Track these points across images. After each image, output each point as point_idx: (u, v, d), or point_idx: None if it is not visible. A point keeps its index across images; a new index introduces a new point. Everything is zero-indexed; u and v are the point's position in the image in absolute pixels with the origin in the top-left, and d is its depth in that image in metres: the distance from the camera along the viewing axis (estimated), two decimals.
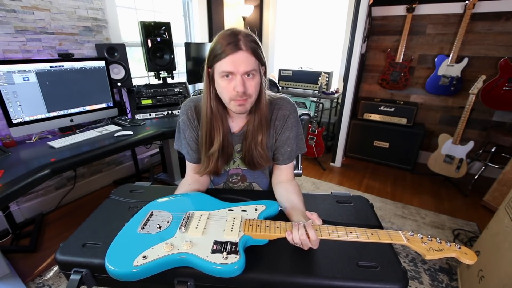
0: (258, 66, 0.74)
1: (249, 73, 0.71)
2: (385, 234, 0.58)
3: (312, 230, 0.58)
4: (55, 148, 1.37)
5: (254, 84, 0.73)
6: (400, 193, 2.26)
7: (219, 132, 0.82)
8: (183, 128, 0.89)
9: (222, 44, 0.69)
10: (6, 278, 1.28)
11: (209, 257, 0.56)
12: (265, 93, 0.81)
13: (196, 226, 0.64)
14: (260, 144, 0.83)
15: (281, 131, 0.87)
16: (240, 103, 0.74)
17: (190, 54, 2.26)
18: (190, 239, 0.60)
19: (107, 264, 0.55)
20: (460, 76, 2.36)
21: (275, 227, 0.63)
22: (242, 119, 0.87)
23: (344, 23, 2.94)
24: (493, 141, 2.20)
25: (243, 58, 0.69)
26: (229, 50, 0.68)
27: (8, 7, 1.48)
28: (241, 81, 0.70)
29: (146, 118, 1.91)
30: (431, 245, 0.55)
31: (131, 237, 0.62)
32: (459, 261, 0.57)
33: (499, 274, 1.05)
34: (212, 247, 0.58)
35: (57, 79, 1.50)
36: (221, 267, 0.55)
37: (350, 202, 0.84)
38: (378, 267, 0.59)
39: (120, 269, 0.55)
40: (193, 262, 0.57)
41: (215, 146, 0.82)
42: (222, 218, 0.68)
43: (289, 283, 0.57)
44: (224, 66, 0.70)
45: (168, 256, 0.57)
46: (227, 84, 0.72)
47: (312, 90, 2.86)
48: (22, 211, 1.76)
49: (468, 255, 0.53)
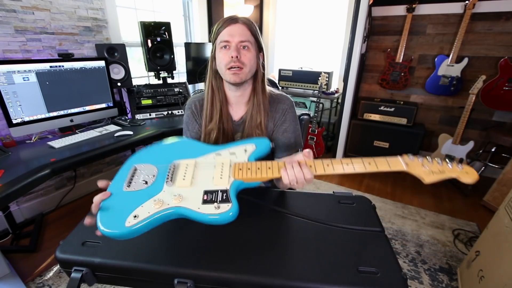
0: (255, 44, 0.82)
1: (244, 45, 0.79)
2: (383, 162, 0.56)
3: (305, 165, 0.61)
4: (55, 148, 1.37)
5: (248, 55, 0.80)
6: (400, 193, 2.26)
7: (217, 108, 0.88)
8: (186, 121, 0.95)
9: (222, 21, 0.80)
10: (6, 278, 1.28)
11: (200, 208, 0.55)
12: (264, 79, 0.88)
13: (183, 177, 0.61)
14: (259, 125, 0.87)
15: (279, 122, 0.91)
16: (235, 72, 0.79)
17: (190, 54, 2.26)
18: (178, 193, 0.58)
19: (100, 226, 0.54)
20: (460, 76, 2.36)
21: (266, 169, 0.62)
22: (242, 108, 0.91)
23: (344, 23, 2.94)
24: (493, 141, 2.20)
25: (238, 29, 0.78)
26: (227, 24, 0.79)
27: (8, 7, 1.48)
28: (235, 48, 0.78)
29: (146, 118, 1.91)
30: (431, 168, 0.54)
31: (119, 196, 0.60)
32: (459, 260, 0.58)
33: (499, 274, 1.05)
34: (203, 198, 0.57)
35: (57, 79, 1.50)
36: (217, 216, 0.54)
37: (352, 203, 0.84)
38: (379, 273, 0.58)
39: (113, 231, 0.54)
40: (185, 214, 0.56)
41: (213, 122, 0.87)
42: (209, 165, 0.65)
43: (289, 287, 0.57)
44: (222, 37, 0.79)
45: (159, 212, 0.55)
46: (224, 54, 0.80)
47: (312, 90, 2.86)
48: (22, 211, 1.76)
49: (469, 174, 0.53)
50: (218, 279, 0.58)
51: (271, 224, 0.75)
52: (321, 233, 0.70)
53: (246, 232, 0.71)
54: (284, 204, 0.82)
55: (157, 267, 0.60)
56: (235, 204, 0.55)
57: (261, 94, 0.87)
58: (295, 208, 0.80)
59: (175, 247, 0.67)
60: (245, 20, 0.80)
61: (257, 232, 0.71)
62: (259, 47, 0.84)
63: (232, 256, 0.62)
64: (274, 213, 0.79)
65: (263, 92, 0.87)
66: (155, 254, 0.64)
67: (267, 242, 0.67)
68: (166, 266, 0.60)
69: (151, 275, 0.61)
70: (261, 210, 0.80)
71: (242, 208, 0.80)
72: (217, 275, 0.58)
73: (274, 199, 0.84)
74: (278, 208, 0.80)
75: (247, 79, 0.83)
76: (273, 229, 0.73)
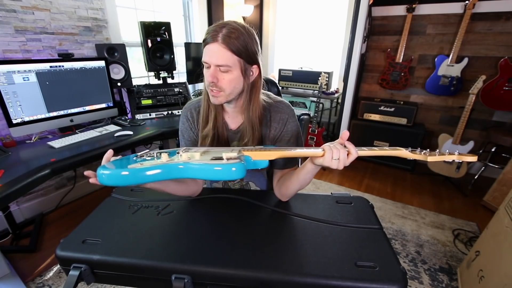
0: (239, 63, 0.72)
1: (223, 69, 0.72)
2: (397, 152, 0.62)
3: (351, 145, 0.62)
4: (55, 148, 1.37)
5: (227, 79, 0.73)
6: (400, 193, 2.26)
7: (212, 115, 0.84)
8: (182, 130, 0.92)
9: (208, 31, 0.72)
10: (6, 278, 1.28)
11: (208, 162, 0.55)
12: (258, 95, 0.82)
13: (194, 151, 0.61)
14: (256, 137, 0.84)
15: (280, 134, 0.87)
16: (213, 94, 0.76)
17: (190, 54, 2.26)
18: (188, 156, 0.58)
19: (100, 171, 0.53)
20: (460, 76, 2.36)
21: (275, 149, 0.64)
22: (239, 117, 0.88)
23: (344, 23, 2.94)
24: (493, 141, 2.20)
25: (216, 51, 0.70)
26: (209, 39, 0.71)
27: (8, 7, 1.48)
28: (213, 72, 0.72)
29: (146, 118, 1.91)
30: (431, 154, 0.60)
31: (129, 159, 0.59)
32: (459, 260, 0.59)
33: (499, 274, 1.05)
34: (211, 159, 0.56)
35: (57, 79, 1.50)
36: (220, 167, 0.53)
37: (350, 203, 0.84)
38: (377, 267, 0.59)
39: (112, 172, 0.53)
40: (191, 169, 0.54)
41: (208, 127, 0.84)
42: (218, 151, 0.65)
43: (287, 282, 0.57)
44: (203, 55, 0.73)
45: (165, 163, 0.54)
46: (205, 72, 0.75)
47: (312, 90, 2.86)
48: (22, 211, 1.76)
49: (468, 156, 0.57)
50: (215, 275, 0.58)
51: (269, 222, 0.75)
52: (319, 231, 0.70)
53: (244, 229, 0.71)
54: (282, 205, 0.83)
55: (154, 263, 0.60)
56: (242, 164, 0.54)
57: (250, 111, 0.81)
58: (293, 209, 0.81)
59: (172, 243, 0.67)
60: (227, 36, 0.69)
61: (255, 230, 0.71)
62: (248, 62, 0.74)
63: (229, 252, 0.63)
64: (273, 213, 0.79)
65: (252, 107, 0.81)
66: (152, 250, 0.64)
67: (265, 239, 0.68)
68: (164, 262, 0.60)
69: (149, 271, 0.61)
70: (260, 211, 0.80)
71: (241, 208, 0.81)
72: (215, 270, 0.59)
73: (272, 201, 0.85)
74: (276, 208, 0.81)
75: (230, 100, 0.78)
76: (271, 226, 0.73)
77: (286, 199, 0.84)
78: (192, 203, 0.83)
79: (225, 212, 0.79)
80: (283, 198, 0.84)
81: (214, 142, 0.85)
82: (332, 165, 0.61)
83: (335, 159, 0.61)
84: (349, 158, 0.61)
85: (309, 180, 0.76)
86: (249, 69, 0.76)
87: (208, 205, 0.83)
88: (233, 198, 0.85)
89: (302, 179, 0.75)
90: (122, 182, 0.53)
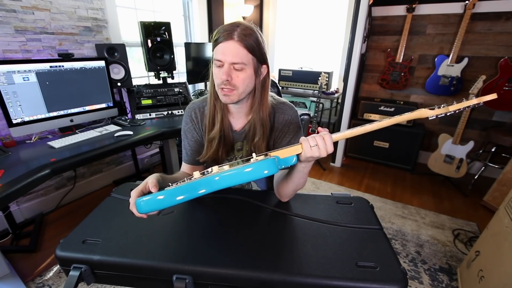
0: (252, 62, 0.73)
1: (238, 67, 0.72)
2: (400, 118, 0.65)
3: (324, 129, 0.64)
4: (55, 148, 1.37)
5: (241, 77, 0.73)
6: (400, 193, 2.26)
7: (219, 118, 0.84)
8: (185, 130, 0.91)
9: (220, 31, 0.71)
10: (6, 278, 1.28)
11: (239, 166, 0.55)
12: (267, 94, 0.82)
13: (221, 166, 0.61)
14: (261, 138, 0.84)
15: (282, 135, 0.87)
16: (225, 93, 0.75)
17: (190, 54, 2.26)
18: (219, 169, 0.58)
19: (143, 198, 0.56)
20: (460, 76, 2.36)
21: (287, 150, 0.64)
22: (243, 118, 0.88)
23: (344, 23, 2.94)
24: (493, 141, 2.20)
25: (232, 48, 0.70)
26: (222, 38, 0.70)
27: (8, 7, 1.48)
28: (227, 70, 0.72)
29: (146, 118, 1.91)
30: (450, 105, 0.62)
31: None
32: (459, 260, 0.59)
33: (499, 274, 1.05)
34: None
35: (57, 79, 1.50)
36: (250, 168, 0.53)
37: (350, 203, 0.84)
38: (378, 267, 0.59)
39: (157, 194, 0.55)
40: (226, 177, 0.54)
41: (215, 129, 0.84)
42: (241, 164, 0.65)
43: (288, 282, 0.57)
44: (216, 53, 0.72)
45: (203, 178, 0.55)
46: (218, 72, 0.74)
47: (312, 90, 2.86)
48: (22, 211, 1.76)
49: (487, 96, 0.59)
50: (216, 275, 0.58)
51: (270, 222, 0.75)
52: (320, 231, 0.70)
53: (245, 230, 0.71)
54: (283, 205, 0.83)
55: (155, 263, 0.60)
56: (271, 159, 0.55)
57: (261, 110, 0.82)
58: (294, 209, 0.81)
59: (173, 243, 0.67)
60: (242, 33, 0.69)
61: (256, 230, 0.71)
62: (260, 61, 0.76)
63: (230, 252, 0.63)
64: (274, 213, 0.79)
65: (263, 106, 0.82)
66: (153, 250, 0.64)
67: (265, 239, 0.68)
68: (165, 262, 0.60)
69: (150, 271, 0.61)
70: (261, 211, 0.80)
71: (242, 208, 0.81)
72: (216, 271, 0.59)
73: (273, 201, 0.85)
74: (277, 208, 0.81)
75: (241, 99, 0.78)
76: (271, 227, 0.73)
77: (285, 199, 0.84)
78: (192, 203, 0.83)
79: (226, 212, 0.79)
80: (282, 198, 0.84)
81: (221, 144, 0.85)
82: (313, 153, 0.62)
83: (312, 146, 0.62)
84: (326, 140, 0.62)
85: (303, 180, 0.75)
86: (260, 68, 0.77)
87: (209, 205, 0.83)
88: (234, 198, 0.85)
89: (295, 179, 0.74)
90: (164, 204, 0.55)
